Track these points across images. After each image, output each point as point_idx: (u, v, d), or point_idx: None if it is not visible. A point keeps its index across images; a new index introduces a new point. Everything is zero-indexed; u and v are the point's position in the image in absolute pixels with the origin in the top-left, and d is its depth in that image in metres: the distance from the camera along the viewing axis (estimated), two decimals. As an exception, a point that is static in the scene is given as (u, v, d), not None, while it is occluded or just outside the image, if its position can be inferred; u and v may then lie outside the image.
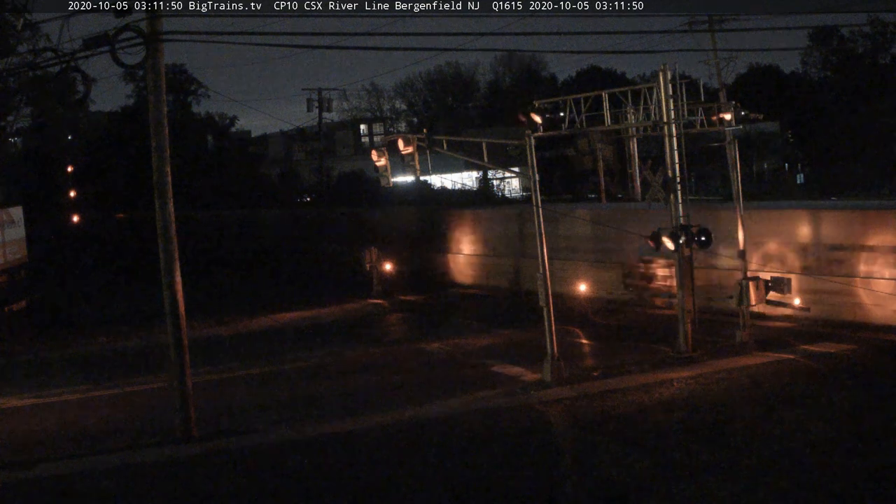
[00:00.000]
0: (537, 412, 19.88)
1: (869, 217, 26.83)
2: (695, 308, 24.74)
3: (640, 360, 23.98)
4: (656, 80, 24.26)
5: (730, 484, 14.82)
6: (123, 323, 35.54)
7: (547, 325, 22.25)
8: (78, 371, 27.44)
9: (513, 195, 61.70)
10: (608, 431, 18.19)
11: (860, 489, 14.41)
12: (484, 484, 15.73)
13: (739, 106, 25.41)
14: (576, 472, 16.08)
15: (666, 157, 24.36)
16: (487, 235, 40.42)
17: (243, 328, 33.80)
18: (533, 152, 22.72)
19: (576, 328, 28.33)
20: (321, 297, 39.60)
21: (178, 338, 19.35)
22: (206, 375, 24.39)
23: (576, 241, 34.50)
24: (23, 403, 23.63)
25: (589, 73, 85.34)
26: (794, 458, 15.91)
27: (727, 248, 27.14)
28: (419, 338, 29.77)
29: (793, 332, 25.59)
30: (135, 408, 22.63)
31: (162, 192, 19.26)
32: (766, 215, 29.17)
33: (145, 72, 19.36)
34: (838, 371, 21.67)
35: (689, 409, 19.27)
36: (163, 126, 19.14)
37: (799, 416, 18.32)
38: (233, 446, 18.69)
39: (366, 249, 40.30)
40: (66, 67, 18.81)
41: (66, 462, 18.28)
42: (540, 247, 22.44)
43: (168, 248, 19.31)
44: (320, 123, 72.98)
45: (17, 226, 37.02)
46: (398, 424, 19.57)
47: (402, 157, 24.01)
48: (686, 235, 23.65)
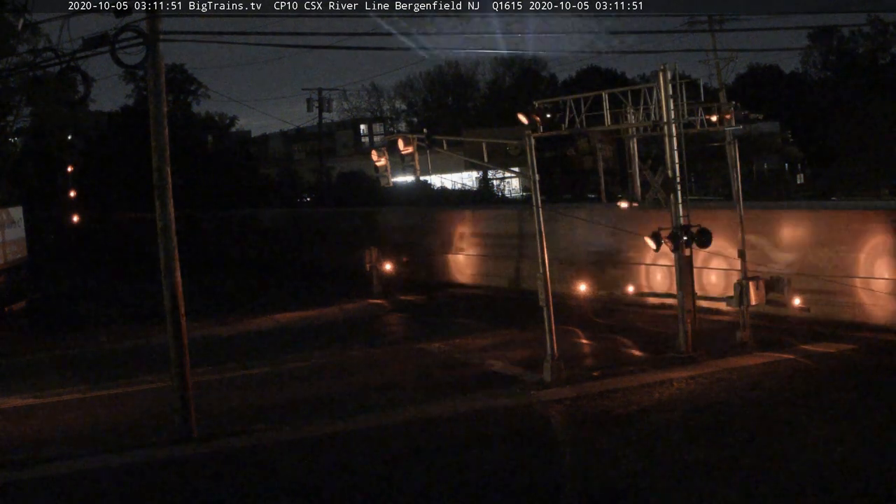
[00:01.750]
0: (537, 412, 19.89)
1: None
2: (694, 308, 24.74)
3: (640, 360, 23.99)
4: (656, 80, 24.26)
5: (729, 484, 14.83)
6: (123, 323, 35.53)
7: (547, 325, 22.25)
8: (78, 371, 27.43)
9: (513, 195, 61.81)
10: (608, 431, 18.19)
11: (860, 489, 14.41)
12: (484, 484, 15.73)
13: (739, 106, 25.39)
14: (575, 472, 16.09)
15: (666, 157, 24.36)
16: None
17: (243, 328, 33.79)
18: (533, 152, 22.72)
19: (576, 328, 28.33)
20: (321, 297, 39.59)
21: (178, 338, 19.34)
22: (206, 375, 24.38)
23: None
24: (23, 403, 23.63)
25: (589, 73, 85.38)
26: (794, 458, 15.92)
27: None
28: (419, 338, 29.77)
29: (793, 332, 25.58)
30: (135, 408, 22.63)
31: (162, 192, 19.26)
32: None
33: (145, 72, 19.36)
34: (838, 371, 21.68)
35: (689, 409, 19.27)
36: (163, 126, 19.13)
37: (799, 416, 18.33)
38: (233, 446, 18.70)
39: (366, 249, 40.29)
40: (66, 67, 18.81)
41: (66, 462, 18.28)
42: (540, 247, 22.44)
43: (168, 248, 19.31)
44: (320, 123, 73.04)
45: (17, 226, 37.08)
46: (398, 424, 19.57)
47: (402, 157, 24.00)
48: (686, 235, 23.67)
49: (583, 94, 25.44)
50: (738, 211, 25.11)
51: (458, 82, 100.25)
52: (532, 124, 22.99)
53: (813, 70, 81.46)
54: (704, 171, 58.38)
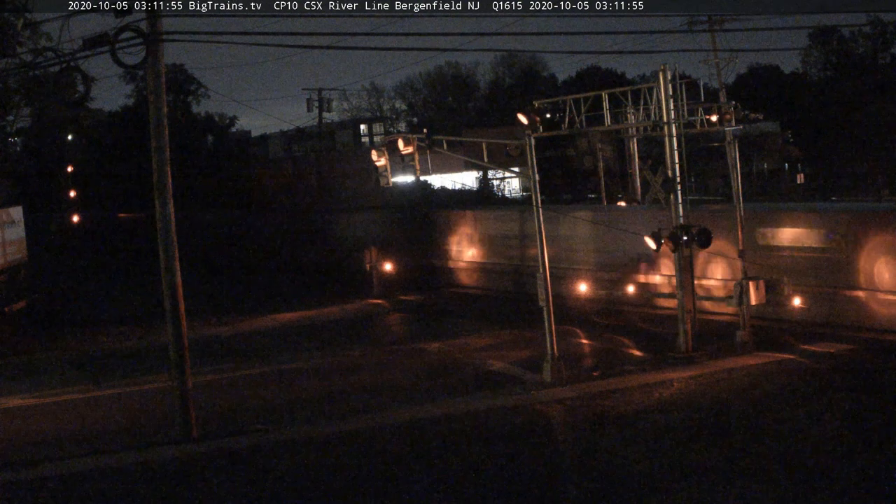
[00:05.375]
0: (537, 412, 19.89)
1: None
2: (694, 308, 24.74)
3: (640, 360, 23.99)
4: (656, 80, 24.28)
5: (729, 484, 14.83)
6: (123, 323, 35.52)
7: (547, 325, 22.25)
8: (78, 371, 27.44)
9: (513, 195, 61.74)
10: (608, 431, 18.20)
11: (860, 489, 14.41)
12: (484, 484, 15.74)
13: (739, 106, 25.41)
14: (576, 472, 16.09)
15: (666, 157, 24.37)
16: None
17: (243, 328, 33.79)
18: (533, 152, 22.72)
19: (576, 328, 28.32)
20: (321, 297, 39.57)
21: (178, 338, 19.35)
22: (206, 375, 24.38)
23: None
24: (23, 403, 23.63)
25: (589, 73, 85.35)
26: (794, 458, 15.92)
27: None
28: (419, 338, 29.76)
29: (793, 332, 25.58)
30: (135, 408, 22.64)
31: (162, 192, 19.27)
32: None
33: (145, 72, 19.37)
34: (838, 371, 21.67)
35: (689, 409, 19.28)
36: (163, 126, 19.14)
37: (799, 416, 18.33)
38: (233, 446, 18.69)
39: (366, 249, 40.27)
40: (67, 67, 18.81)
41: (67, 462, 18.27)
42: (540, 247, 22.44)
43: (168, 248, 19.31)
44: (320, 123, 73.00)
45: (17, 226, 37.03)
46: (398, 424, 19.57)
47: (402, 157, 23.99)
48: (686, 235, 23.67)
49: (583, 94, 25.49)
50: (738, 211, 25.11)
51: (458, 82, 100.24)
52: (532, 124, 22.99)
53: (813, 70, 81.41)
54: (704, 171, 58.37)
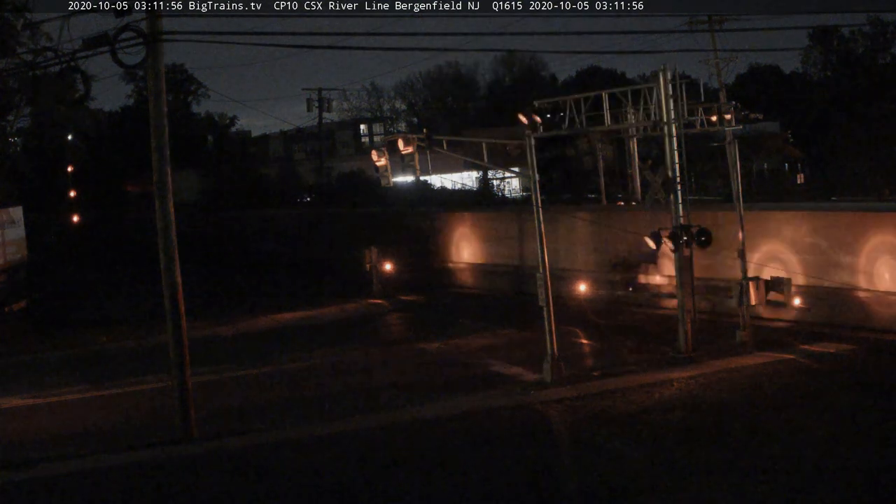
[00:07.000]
0: (537, 412, 19.89)
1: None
2: (694, 308, 24.73)
3: (640, 360, 23.98)
4: (656, 80, 24.25)
5: (729, 484, 14.83)
6: (123, 323, 35.52)
7: (547, 325, 22.25)
8: (78, 371, 27.43)
9: (513, 195, 61.72)
10: (608, 431, 18.19)
11: (860, 489, 14.41)
12: (484, 484, 15.74)
13: (739, 106, 25.40)
14: (576, 472, 16.09)
15: (666, 157, 24.35)
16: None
17: (243, 328, 33.79)
18: (533, 152, 22.72)
19: (576, 328, 28.31)
20: (321, 297, 39.58)
21: (178, 338, 19.36)
22: (206, 375, 24.36)
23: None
24: (23, 403, 23.65)
25: (589, 73, 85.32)
26: (794, 458, 15.92)
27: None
28: (419, 338, 29.77)
29: (793, 332, 25.58)
30: (135, 408, 22.64)
31: (162, 192, 19.27)
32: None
33: (145, 72, 19.38)
34: (838, 371, 21.67)
35: (689, 409, 19.28)
36: (163, 126, 19.15)
37: (799, 416, 18.33)
38: (233, 446, 18.71)
39: (366, 249, 40.26)
40: (67, 67, 18.82)
41: (67, 462, 18.30)
42: (540, 247, 22.44)
43: (168, 248, 19.32)
44: (320, 123, 72.99)
45: (17, 225, 37.04)
46: (398, 424, 19.58)
47: (402, 157, 23.97)
48: (686, 235, 23.67)
49: (583, 94, 25.41)
50: (738, 211, 25.10)
51: (458, 82, 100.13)
52: (532, 124, 22.98)
53: (813, 70, 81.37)
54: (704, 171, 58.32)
